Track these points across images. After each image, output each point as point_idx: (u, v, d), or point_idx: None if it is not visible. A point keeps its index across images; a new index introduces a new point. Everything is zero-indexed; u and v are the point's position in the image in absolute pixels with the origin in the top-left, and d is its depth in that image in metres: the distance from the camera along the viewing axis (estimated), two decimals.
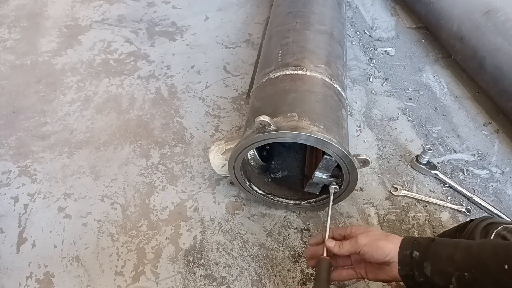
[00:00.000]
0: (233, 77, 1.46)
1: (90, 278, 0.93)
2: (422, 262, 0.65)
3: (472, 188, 1.12)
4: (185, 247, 0.98)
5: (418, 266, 0.66)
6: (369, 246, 0.71)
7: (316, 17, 1.14)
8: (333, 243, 0.76)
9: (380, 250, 0.69)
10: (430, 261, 0.65)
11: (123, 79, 1.45)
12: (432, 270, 0.64)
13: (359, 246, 0.72)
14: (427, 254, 0.66)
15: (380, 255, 0.69)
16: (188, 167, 1.16)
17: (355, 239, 0.73)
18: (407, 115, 1.33)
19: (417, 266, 0.66)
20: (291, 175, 1.11)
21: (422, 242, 0.68)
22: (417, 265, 0.66)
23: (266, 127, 0.79)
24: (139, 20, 1.73)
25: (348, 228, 0.79)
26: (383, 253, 0.69)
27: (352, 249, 0.73)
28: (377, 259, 0.70)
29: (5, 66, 1.49)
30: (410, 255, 0.67)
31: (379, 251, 0.69)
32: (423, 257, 0.66)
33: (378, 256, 0.69)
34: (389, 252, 0.68)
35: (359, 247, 0.71)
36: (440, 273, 0.63)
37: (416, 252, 0.66)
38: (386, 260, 0.69)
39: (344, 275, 0.78)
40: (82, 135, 1.25)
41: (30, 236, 1.01)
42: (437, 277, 0.64)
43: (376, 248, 0.70)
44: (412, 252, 0.67)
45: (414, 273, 0.66)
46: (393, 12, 1.78)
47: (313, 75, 0.94)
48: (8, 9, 1.77)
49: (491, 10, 1.28)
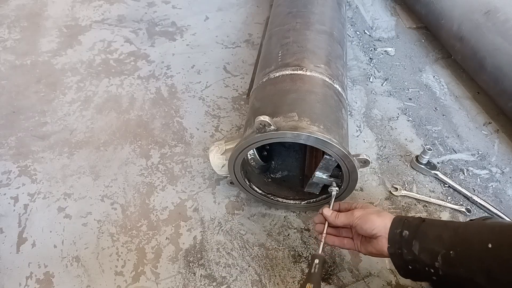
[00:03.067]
0: (233, 77, 1.46)
1: (90, 278, 0.93)
2: (411, 240, 0.69)
3: (472, 188, 1.12)
4: (185, 247, 0.98)
5: (407, 244, 0.69)
6: (360, 218, 0.76)
7: (316, 17, 1.14)
8: (330, 212, 0.82)
9: (369, 222, 0.74)
10: (418, 240, 0.68)
11: (123, 79, 1.45)
12: (420, 248, 0.68)
13: (353, 219, 0.77)
14: (416, 233, 0.69)
15: (368, 228, 0.74)
16: (188, 167, 1.16)
17: (351, 212, 0.79)
18: (407, 115, 1.33)
19: (406, 244, 0.69)
20: (291, 175, 1.11)
21: (412, 222, 0.71)
22: (406, 244, 0.69)
23: (266, 127, 0.79)
24: (139, 20, 1.73)
25: (354, 204, 0.84)
26: (371, 226, 0.74)
27: (346, 221, 0.79)
28: (365, 231, 0.75)
29: (5, 66, 1.49)
30: (400, 234, 0.70)
31: (368, 224, 0.74)
32: (412, 236, 0.69)
33: (366, 228, 0.74)
34: (377, 226, 0.73)
35: (353, 220, 0.77)
36: (427, 251, 0.67)
37: (406, 231, 0.70)
38: (374, 233, 0.73)
39: (344, 242, 0.83)
40: (82, 135, 1.25)
41: (30, 236, 1.01)
42: (424, 254, 0.67)
43: (366, 221, 0.75)
44: (402, 231, 0.70)
45: (403, 251, 0.70)
46: (393, 12, 1.77)
47: (313, 75, 0.94)
48: (8, 9, 1.77)
49: (491, 10, 1.28)
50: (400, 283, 0.91)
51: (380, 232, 0.73)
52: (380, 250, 0.73)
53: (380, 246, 0.73)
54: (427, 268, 0.67)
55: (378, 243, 0.73)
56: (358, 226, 0.76)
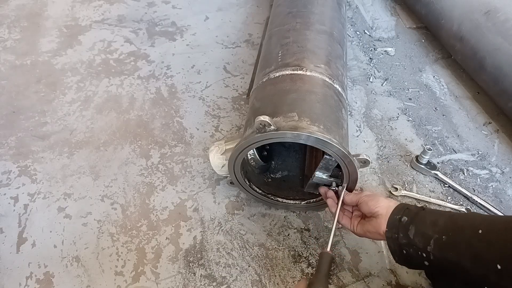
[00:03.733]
0: (233, 77, 1.46)
1: (90, 278, 0.93)
2: (408, 225, 0.72)
3: (472, 188, 1.12)
4: (185, 247, 0.98)
5: (404, 229, 0.72)
6: (368, 196, 0.81)
7: (316, 17, 1.14)
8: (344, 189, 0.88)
9: (375, 200, 0.79)
10: (415, 225, 0.71)
11: (123, 79, 1.45)
12: (415, 232, 0.70)
13: (361, 196, 0.82)
14: (414, 219, 0.72)
15: (372, 204, 0.78)
16: (188, 167, 1.16)
17: (360, 192, 0.86)
18: (407, 115, 1.33)
19: (403, 229, 0.72)
20: (291, 175, 1.11)
21: (413, 209, 0.74)
22: (403, 228, 0.72)
23: (266, 127, 0.79)
24: (139, 20, 1.73)
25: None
26: (376, 204, 0.78)
27: (355, 198, 0.84)
28: (369, 208, 0.79)
29: (5, 66, 1.49)
30: (399, 220, 0.73)
31: (374, 201, 0.79)
32: (410, 222, 0.72)
33: (371, 204, 0.79)
34: (381, 205, 0.77)
35: (361, 197, 0.82)
36: (421, 235, 0.70)
37: (405, 217, 0.73)
38: (376, 210, 0.77)
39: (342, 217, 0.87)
40: (82, 135, 1.25)
41: (30, 236, 1.01)
42: (418, 238, 0.70)
43: (373, 198, 0.80)
44: (402, 217, 0.73)
45: (399, 235, 0.72)
46: (393, 12, 1.78)
47: (313, 75, 0.94)
48: (8, 9, 1.77)
49: (491, 10, 1.28)
50: (400, 283, 0.91)
51: (382, 211, 0.77)
52: (378, 230, 0.76)
53: (378, 225, 0.76)
54: (420, 252, 0.70)
55: (377, 221, 0.77)
56: (364, 202, 0.80)
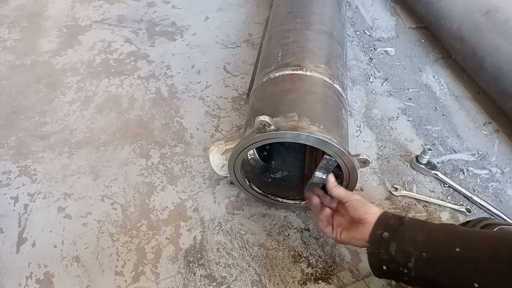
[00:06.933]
0: (233, 77, 1.46)
1: (90, 278, 0.93)
2: (389, 241, 0.71)
3: (472, 188, 1.12)
4: (185, 247, 0.98)
5: (385, 245, 0.71)
6: (358, 201, 0.80)
7: (316, 17, 1.14)
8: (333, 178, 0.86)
9: (366, 207, 0.78)
10: (395, 241, 0.71)
11: (123, 79, 1.45)
12: (396, 249, 0.70)
13: (351, 198, 0.81)
14: (395, 235, 0.72)
15: (364, 211, 0.77)
16: (188, 167, 1.16)
17: (352, 192, 0.84)
18: (407, 115, 1.33)
19: (384, 245, 0.72)
20: (291, 175, 1.11)
21: (393, 224, 0.74)
22: (384, 244, 0.72)
23: (266, 127, 0.79)
24: (139, 20, 1.73)
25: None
26: (368, 210, 0.77)
27: (343, 195, 0.83)
28: (359, 213, 0.78)
29: (5, 66, 1.49)
30: (380, 235, 0.73)
31: (365, 208, 0.78)
32: (391, 238, 0.71)
33: (361, 210, 0.78)
34: (371, 213, 0.76)
35: (351, 199, 0.81)
36: (402, 252, 0.69)
37: (386, 233, 0.72)
38: (364, 217, 0.76)
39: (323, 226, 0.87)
40: (82, 135, 1.25)
41: (30, 236, 1.01)
42: (399, 255, 0.69)
43: (364, 204, 0.79)
44: (382, 233, 0.73)
45: (380, 251, 0.72)
46: (393, 12, 1.77)
47: (313, 75, 0.94)
48: (8, 9, 1.77)
49: (491, 10, 1.28)
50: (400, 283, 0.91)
51: (371, 219, 0.76)
52: (364, 237, 0.76)
53: (366, 232, 0.76)
54: (401, 268, 0.69)
55: (365, 228, 0.76)
56: (353, 206, 0.79)
